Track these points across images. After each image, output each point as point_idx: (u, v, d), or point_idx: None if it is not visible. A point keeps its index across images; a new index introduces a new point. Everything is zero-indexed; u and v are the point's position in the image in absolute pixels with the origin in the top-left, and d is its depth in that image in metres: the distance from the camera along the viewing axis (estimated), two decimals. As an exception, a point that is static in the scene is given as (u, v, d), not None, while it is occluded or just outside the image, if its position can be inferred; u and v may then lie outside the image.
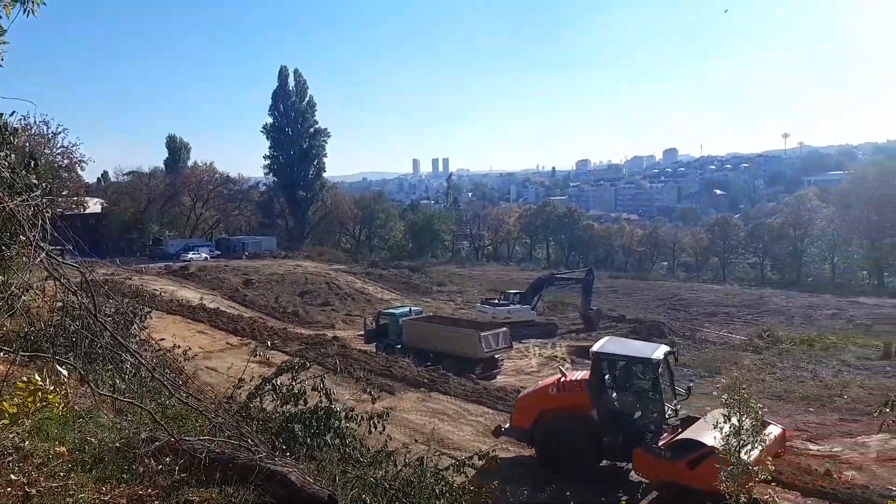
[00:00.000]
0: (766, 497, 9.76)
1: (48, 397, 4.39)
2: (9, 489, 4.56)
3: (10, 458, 4.94)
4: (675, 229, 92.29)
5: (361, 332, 34.67)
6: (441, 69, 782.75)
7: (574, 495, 13.07)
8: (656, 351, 15.51)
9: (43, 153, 42.11)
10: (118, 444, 5.48)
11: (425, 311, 37.82)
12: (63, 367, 5.29)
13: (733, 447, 9.02)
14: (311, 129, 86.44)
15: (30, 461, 4.98)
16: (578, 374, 16.99)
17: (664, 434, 14.81)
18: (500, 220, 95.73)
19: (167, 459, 5.21)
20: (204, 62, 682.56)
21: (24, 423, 5.09)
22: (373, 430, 7.64)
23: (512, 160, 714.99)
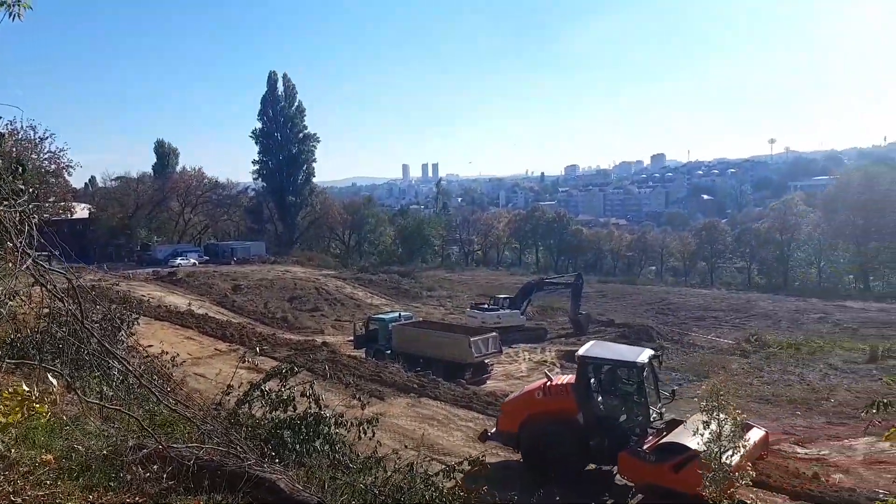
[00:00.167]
0: (749, 501, 9.81)
1: (35, 407, 4.34)
2: (-6, 498, 4.52)
3: (-5, 467, 4.89)
4: (663, 234, 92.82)
5: (351, 338, 34.57)
6: (431, 75, 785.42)
7: (562, 499, 13.10)
8: (641, 355, 15.58)
9: (30, 158, 41.85)
10: (105, 451, 5.44)
11: (415, 317, 37.80)
12: (51, 374, 5.25)
13: (714, 452, 9.06)
14: (301, 134, 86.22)
15: (15, 469, 4.93)
16: (564, 378, 17.03)
17: (649, 437, 14.87)
18: (489, 225, 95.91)
19: (155, 467, 5.18)
20: (192, 67, 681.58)
21: (11, 432, 5.04)
22: (362, 436, 7.61)
23: (501, 165, 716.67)
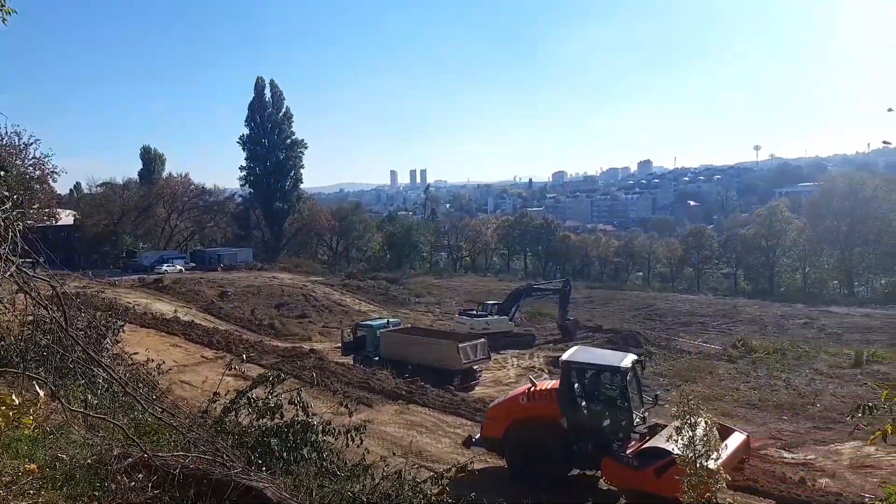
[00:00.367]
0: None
1: (21, 419, 4.29)
2: (-24, 509, 4.45)
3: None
4: (650, 240, 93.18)
5: (339, 345, 34.43)
6: (419, 81, 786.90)
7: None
8: (624, 359, 15.66)
9: (14, 164, 41.36)
10: (90, 460, 5.38)
11: (403, 323, 37.71)
12: (36, 383, 5.19)
13: (689, 458, 9.13)
14: (288, 141, 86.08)
15: (-2, 479, 4.87)
16: (549, 383, 17.08)
17: (632, 442, 14.93)
18: (477, 232, 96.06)
19: (140, 476, 5.12)
20: (179, 73, 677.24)
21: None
22: (350, 444, 7.57)
23: (489, 172, 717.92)
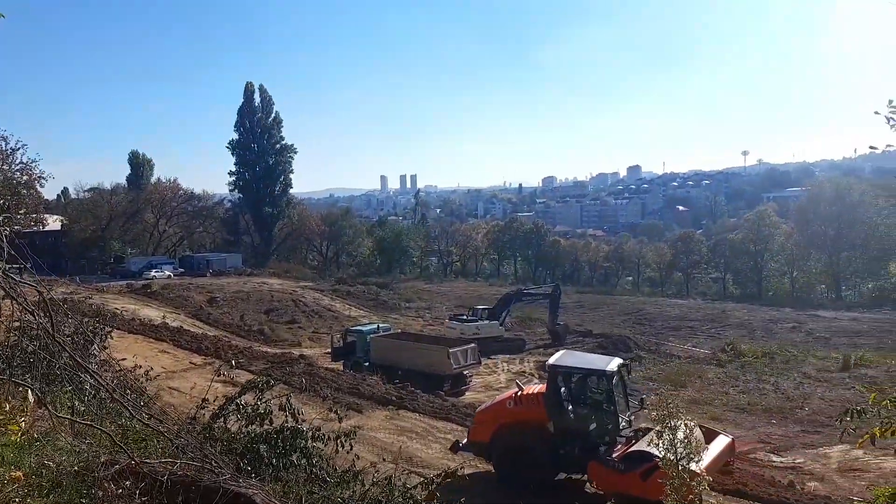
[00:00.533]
0: None
1: (6, 426, 4.24)
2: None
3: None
4: (640, 245, 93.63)
5: (328, 350, 34.35)
6: (409, 87, 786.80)
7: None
8: (610, 363, 15.76)
9: (1, 170, 41.18)
10: (77, 467, 5.33)
11: (393, 328, 37.68)
12: (24, 389, 5.14)
13: (671, 461, 9.20)
14: (278, 146, 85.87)
15: (-17, 487, 4.81)
16: (535, 387, 17.13)
17: (619, 446, 14.99)
18: (468, 236, 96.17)
19: (127, 483, 5.08)
20: (168, 77, 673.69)
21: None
22: (340, 450, 7.53)
23: (479, 177, 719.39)
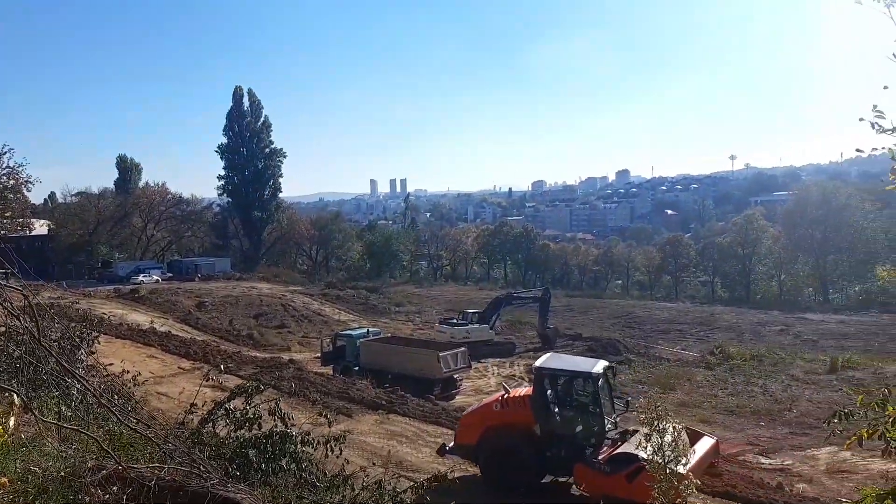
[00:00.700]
0: None
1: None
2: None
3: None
4: (629, 248, 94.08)
5: (318, 355, 34.23)
6: (398, 91, 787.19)
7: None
8: (596, 366, 15.80)
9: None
10: (63, 473, 5.29)
11: (383, 332, 37.59)
12: (13, 394, 5.09)
13: (659, 464, 9.23)
14: (267, 150, 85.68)
15: (-32, 494, 4.76)
16: (522, 390, 17.17)
17: (604, 448, 15.04)
18: (457, 240, 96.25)
19: (114, 488, 5.04)
20: (156, 81, 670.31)
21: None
22: (330, 454, 7.51)
23: (469, 181, 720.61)
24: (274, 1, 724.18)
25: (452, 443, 16.83)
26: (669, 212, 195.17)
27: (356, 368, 30.09)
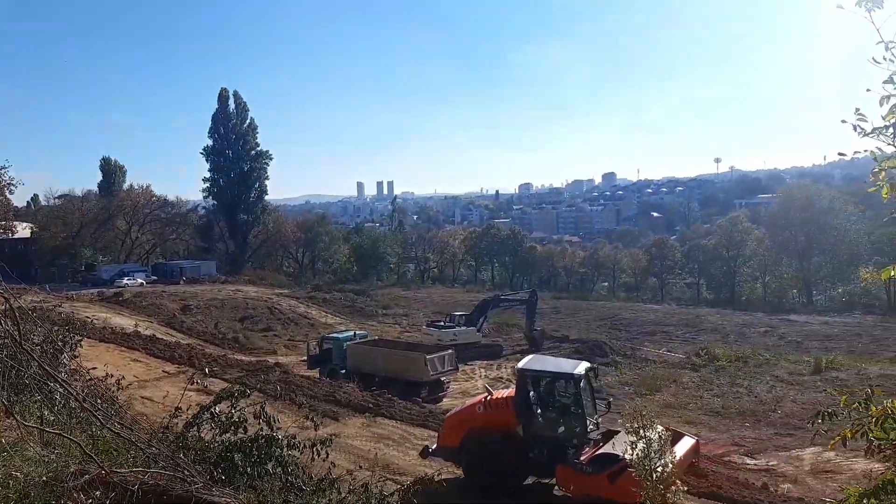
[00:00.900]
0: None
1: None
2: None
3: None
4: (615, 251, 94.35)
5: (304, 358, 34.09)
6: (385, 94, 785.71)
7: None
8: (578, 367, 15.90)
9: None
10: (45, 478, 5.22)
11: (370, 335, 37.51)
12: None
13: (647, 468, 9.28)
14: (253, 152, 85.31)
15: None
16: (504, 392, 17.22)
17: (586, 449, 15.09)
18: (445, 243, 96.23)
19: (97, 493, 4.99)
20: (141, 83, 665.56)
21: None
22: (316, 458, 7.47)
23: (456, 183, 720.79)
24: (259, 3, 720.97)
25: (435, 444, 16.83)
26: (655, 214, 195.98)
27: (343, 371, 29.98)
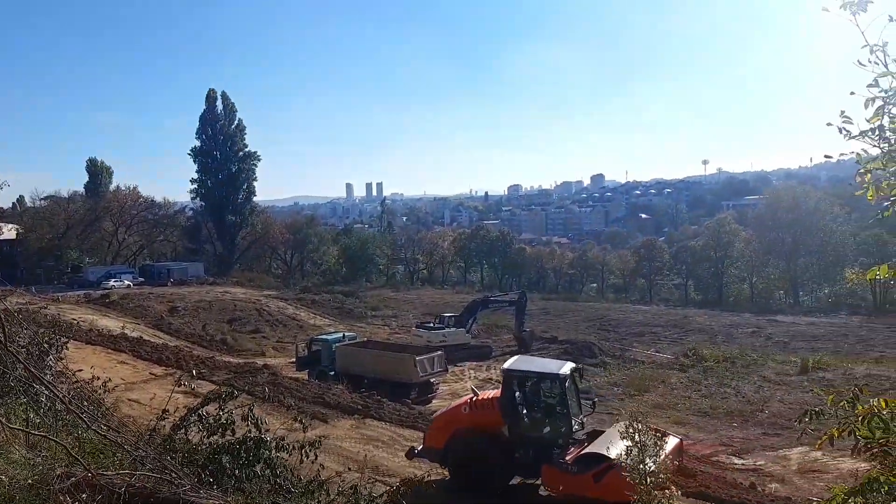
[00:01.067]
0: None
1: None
2: None
3: None
4: (604, 252, 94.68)
5: (293, 360, 34.00)
6: (374, 95, 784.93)
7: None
8: (563, 367, 15.98)
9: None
10: (31, 480, 5.17)
11: (359, 337, 37.47)
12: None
13: (640, 471, 9.32)
14: (241, 153, 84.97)
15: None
16: (490, 392, 17.25)
17: (572, 449, 15.14)
18: (434, 244, 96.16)
19: (83, 496, 4.95)
20: (128, 83, 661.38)
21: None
22: (305, 460, 7.45)
23: (446, 185, 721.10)
24: (248, 4, 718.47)
25: (421, 445, 16.82)
26: (643, 216, 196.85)
27: (332, 373, 29.92)
